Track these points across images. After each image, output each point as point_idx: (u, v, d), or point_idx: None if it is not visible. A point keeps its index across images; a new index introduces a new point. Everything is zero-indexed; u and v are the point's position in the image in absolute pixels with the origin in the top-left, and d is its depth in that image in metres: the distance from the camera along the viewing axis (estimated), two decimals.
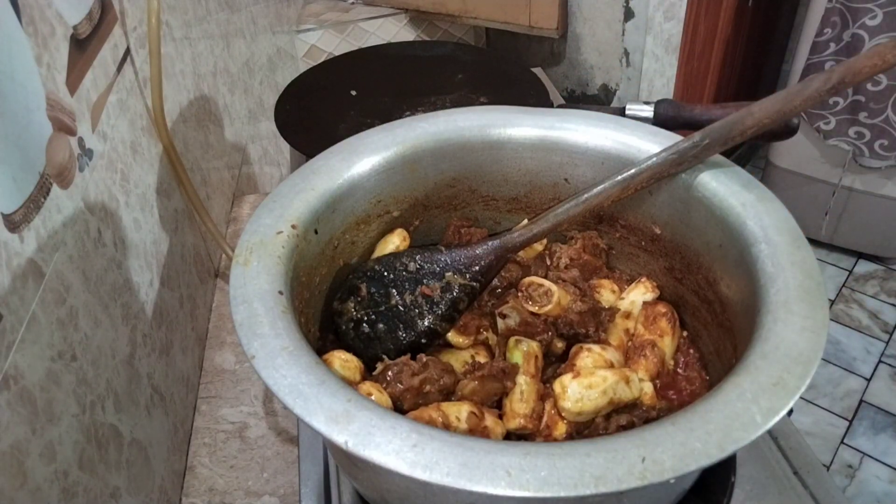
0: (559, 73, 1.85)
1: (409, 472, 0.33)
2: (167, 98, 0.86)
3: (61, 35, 0.62)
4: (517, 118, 0.58)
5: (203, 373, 0.92)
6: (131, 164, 0.76)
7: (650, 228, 0.56)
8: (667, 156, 0.51)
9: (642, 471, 0.33)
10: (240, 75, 1.37)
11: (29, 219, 0.52)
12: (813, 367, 0.38)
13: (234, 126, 1.30)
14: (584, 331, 0.52)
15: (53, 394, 0.53)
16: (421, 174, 0.58)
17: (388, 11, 1.81)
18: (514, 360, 0.49)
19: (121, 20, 0.77)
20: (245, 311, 0.41)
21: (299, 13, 1.86)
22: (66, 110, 0.61)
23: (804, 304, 0.41)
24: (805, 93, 0.47)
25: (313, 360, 0.39)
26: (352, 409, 0.36)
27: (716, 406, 0.36)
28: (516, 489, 0.33)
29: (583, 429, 0.46)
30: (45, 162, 0.55)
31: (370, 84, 1.05)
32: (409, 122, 0.58)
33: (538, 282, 0.53)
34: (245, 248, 0.46)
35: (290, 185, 0.52)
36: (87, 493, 0.56)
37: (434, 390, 0.47)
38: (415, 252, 0.55)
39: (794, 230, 0.46)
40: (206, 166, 1.08)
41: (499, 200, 0.61)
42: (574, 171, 0.58)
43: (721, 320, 0.50)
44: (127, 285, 0.70)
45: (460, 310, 0.53)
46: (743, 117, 0.49)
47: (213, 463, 0.81)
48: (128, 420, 0.66)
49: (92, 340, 0.60)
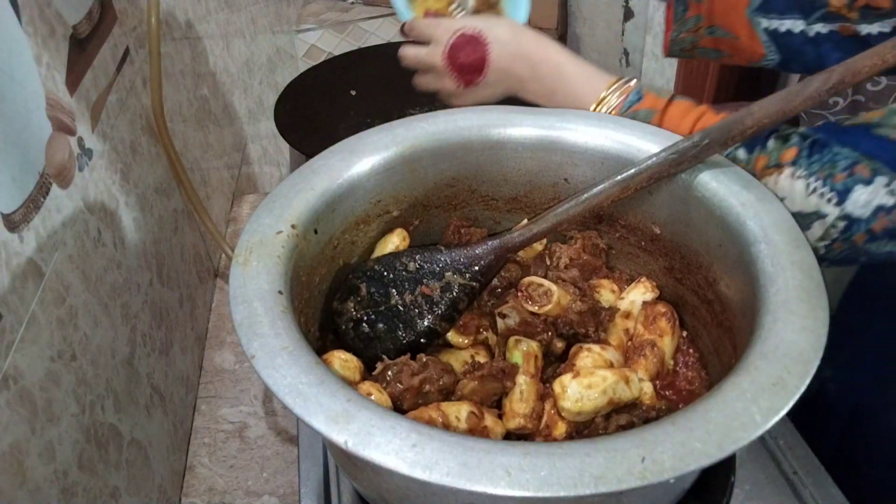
0: None
1: (409, 471, 0.33)
2: (167, 98, 0.86)
3: (61, 35, 0.62)
4: (517, 118, 0.58)
5: (203, 372, 0.92)
6: (131, 163, 0.76)
7: (650, 228, 0.56)
8: (666, 156, 0.50)
9: (642, 471, 0.33)
10: (239, 75, 1.37)
11: (28, 219, 0.52)
12: (813, 366, 0.38)
13: (233, 126, 1.30)
14: (583, 331, 0.52)
15: (53, 394, 0.53)
16: (420, 174, 0.58)
17: (388, 11, 1.81)
18: (513, 360, 0.49)
19: (120, 20, 0.77)
20: (245, 311, 0.41)
21: (299, 13, 1.86)
22: (65, 110, 0.61)
23: (804, 303, 0.41)
24: (805, 93, 0.47)
25: (313, 359, 0.39)
26: (351, 409, 0.36)
27: (715, 406, 0.36)
28: (516, 489, 0.33)
29: (582, 429, 0.46)
30: (45, 161, 0.55)
31: (370, 84, 1.05)
32: (408, 121, 0.58)
33: (538, 282, 0.53)
34: (245, 248, 0.46)
35: (289, 185, 0.52)
36: (86, 493, 0.56)
37: (434, 390, 0.47)
38: (414, 252, 0.55)
39: (793, 230, 0.46)
40: (205, 166, 1.08)
41: (498, 200, 0.61)
42: (574, 170, 0.58)
43: (721, 320, 0.50)
44: (126, 285, 0.70)
45: (460, 310, 0.53)
46: (743, 117, 0.49)
47: (213, 463, 0.81)
48: (127, 420, 0.66)
49: (91, 340, 0.60)
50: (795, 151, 0.51)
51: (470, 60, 0.62)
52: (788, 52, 0.69)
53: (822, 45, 0.67)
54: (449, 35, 0.63)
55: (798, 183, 0.50)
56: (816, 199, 0.49)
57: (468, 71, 0.63)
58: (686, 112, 0.57)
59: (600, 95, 0.59)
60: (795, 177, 0.50)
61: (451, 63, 0.63)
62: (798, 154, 0.51)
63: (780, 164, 0.51)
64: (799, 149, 0.51)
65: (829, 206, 0.49)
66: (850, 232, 0.48)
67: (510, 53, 0.61)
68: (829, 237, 0.49)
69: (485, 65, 0.62)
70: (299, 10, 1.87)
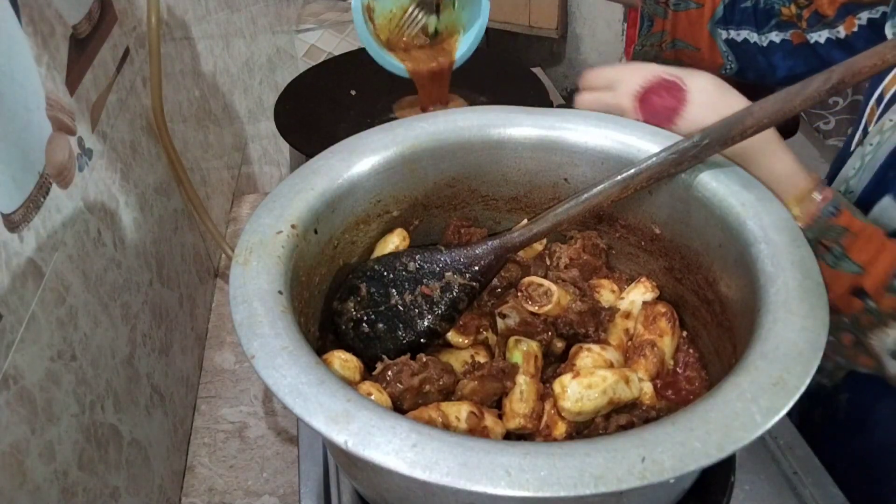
0: (559, 73, 1.85)
1: (409, 471, 0.33)
2: (167, 98, 0.86)
3: (61, 35, 0.62)
4: (517, 118, 0.58)
5: (203, 372, 0.92)
6: (131, 163, 0.76)
7: (650, 228, 0.56)
8: (666, 156, 0.50)
9: (642, 471, 0.33)
10: (239, 75, 1.37)
11: (28, 218, 0.52)
12: (813, 366, 0.38)
13: (233, 126, 1.30)
14: (583, 331, 0.52)
15: (53, 393, 0.53)
16: (420, 174, 0.58)
17: None
18: (513, 360, 0.49)
19: (120, 20, 0.77)
20: (245, 311, 0.41)
21: (299, 13, 1.86)
22: (65, 110, 0.61)
23: (804, 303, 0.41)
24: (804, 93, 0.47)
25: (313, 359, 0.39)
26: (351, 409, 0.36)
27: (715, 406, 0.36)
28: (516, 489, 0.33)
29: (582, 429, 0.46)
30: (45, 161, 0.55)
31: (370, 84, 1.05)
32: (408, 122, 0.58)
33: (538, 282, 0.53)
34: (245, 248, 0.46)
35: (289, 185, 0.52)
36: (86, 493, 0.56)
37: (434, 390, 0.47)
38: (414, 252, 0.55)
39: (793, 230, 0.46)
40: (205, 166, 1.08)
41: (498, 200, 0.61)
42: (574, 170, 0.58)
43: (721, 320, 0.50)
44: (126, 285, 0.70)
45: (460, 310, 0.53)
46: (743, 117, 0.49)
47: (213, 463, 0.81)
48: (127, 420, 0.66)
49: (91, 340, 0.60)
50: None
51: (664, 106, 0.56)
52: (744, 61, 0.73)
53: (773, 55, 0.71)
54: (640, 76, 0.57)
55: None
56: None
57: (658, 117, 0.56)
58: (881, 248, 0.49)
59: (804, 188, 0.52)
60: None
61: (643, 106, 0.57)
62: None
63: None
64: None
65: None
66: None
67: (712, 106, 0.54)
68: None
69: (678, 114, 0.55)
70: (299, 10, 1.87)
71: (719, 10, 0.73)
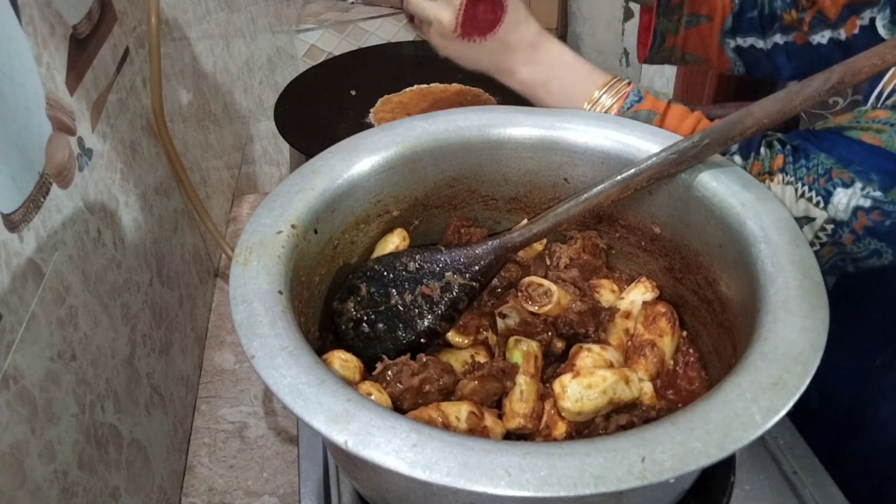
0: None
1: (409, 471, 0.33)
2: (167, 98, 0.86)
3: (61, 35, 0.62)
4: (517, 118, 0.58)
5: (203, 372, 0.92)
6: (131, 163, 0.76)
7: (650, 228, 0.56)
8: (666, 156, 0.51)
9: (642, 471, 0.33)
10: (239, 75, 1.37)
11: (28, 218, 0.52)
12: (813, 366, 0.38)
13: (233, 126, 1.30)
14: (583, 331, 0.52)
15: (53, 393, 0.53)
16: (421, 174, 0.58)
17: (387, 11, 1.81)
18: (513, 360, 0.49)
19: (120, 20, 0.77)
20: (245, 311, 0.42)
21: (299, 13, 1.86)
22: (65, 110, 0.61)
23: (804, 303, 0.41)
24: (804, 92, 0.47)
25: (313, 359, 0.39)
26: (351, 409, 0.36)
27: (715, 406, 0.36)
28: (516, 489, 0.33)
29: (582, 429, 0.46)
30: (45, 161, 0.55)
31: (370, 84, 1.05)
32: (408, 121, 0.58)
33: (538, 282, 0.53)
34: (245, 248, 0.46)
35: (289, 184, 0.52)
36: (86, 493, 0.56)
37: (434, 390, 0.47)
38: (415, 252, 0.55)
39: (793, 230, 0.46)
40: (205, 166, 1.08)
41: (498, 200, 0.61)
42: (574, 170, 0.58)
43: (721, 320, 0.50)
44: (126, 285, 0.70)
45: (460, 310, 0.53)
46: (743, 117, 0.49)
47: (213, 463, 0.81)
48: (127, 420, 0.66)
49: (91, 340, 0.60)
50: (782, 158, 0.52)
51: (486, 17, 0.61)
52: (751, 64, 0.76)
53: (777, 57, 0.74)
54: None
55: (788, 189, 0.51)
56: (805, 204, 0.50)
57: (477, 26, 0.61)
58: (684, 116, 0.59)
59: (593, 94, 0.60)
60: (785, 182, 0.51)
61: (467, 10, 0.60)
62: (784, 161, 0.52)
63: (771, 172, 0.52)
64: (784, 156, 0.52)
65: (817, 210, 0.50)
66: (838, 235, 0.49)
67: (520, 31, 0.62)
68: (818, 241, 0.50)
69: (494, 29, 0.61)
70: (299, 10, 1.87)
71: (728, 20, 0.74)
